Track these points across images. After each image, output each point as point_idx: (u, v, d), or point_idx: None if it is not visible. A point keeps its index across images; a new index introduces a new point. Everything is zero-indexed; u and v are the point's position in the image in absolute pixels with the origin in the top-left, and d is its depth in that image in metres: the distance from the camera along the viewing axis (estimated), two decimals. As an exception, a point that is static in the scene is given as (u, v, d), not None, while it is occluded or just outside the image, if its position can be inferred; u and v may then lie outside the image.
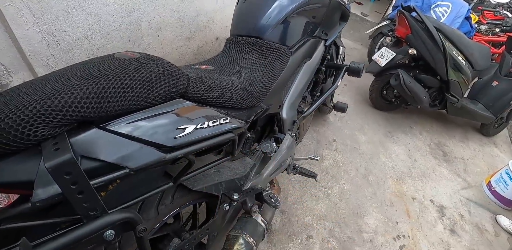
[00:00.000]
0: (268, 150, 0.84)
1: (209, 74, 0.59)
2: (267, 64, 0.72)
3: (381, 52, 1.94)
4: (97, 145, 0.37)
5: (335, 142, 1.87)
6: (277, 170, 0.90)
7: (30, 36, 1.01)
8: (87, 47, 1.21)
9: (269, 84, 0.72)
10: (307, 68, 0.93)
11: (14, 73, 1.12)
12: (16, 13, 0.92)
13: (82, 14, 1.07)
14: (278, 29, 0.75)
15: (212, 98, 0.52)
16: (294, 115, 0.98)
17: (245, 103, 0.60)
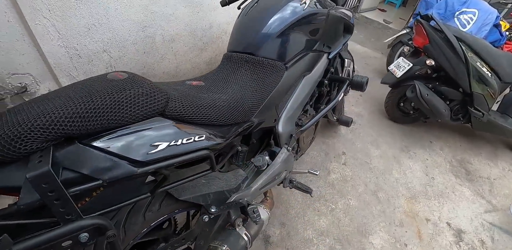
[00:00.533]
0: (260, 163, 0.86)
1: (195, 91, 0.63)
2: (259, 80, 0.74)
3: (398, 63, 1.88)
4: (77, 158, 0.42)
5: (344, 155, 1.82)
6: (269, 183, 0.90)
7: (55, 50, 1.14)
8: (106, 59, 1.33)
9: (261, 100, 0.74)
10: (306, 82, 0.93)
11: (41, 83, 1.25)
12: (44, 30, 1.04)
13: (101, 30, 1.18)
14: (272, 45, 0.77)
15: (191, 116, 0.56)
16: (293, 129, 0.99)
17: (228, 120, 0.63)
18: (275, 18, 0.75)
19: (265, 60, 0.75)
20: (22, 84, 1.22)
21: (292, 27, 0.77)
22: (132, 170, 0.45)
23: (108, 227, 0.44)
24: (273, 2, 0.79)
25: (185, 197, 0.68)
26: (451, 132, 2.25)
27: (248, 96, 0.70)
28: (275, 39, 0.76)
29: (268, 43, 0.76)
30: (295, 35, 0.79)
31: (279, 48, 0.77)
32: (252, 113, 0.72)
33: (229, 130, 0.65)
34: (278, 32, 0.75)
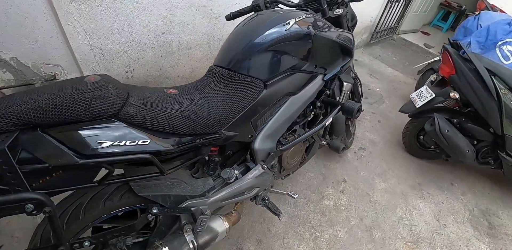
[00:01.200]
0: (227, 176, 0.87)
1: (162, 99, 0.68)
2: (232, 95, 0.77)
3: (420, 91, 1.77)
4: (34, 143, 0.51)
5: (344, 183, 1.72)
6: (234, 197, 0.90)
7: (82, 48, 1.32)
8: (125, 59, 1.49)
9: (231, 114, 0.77)
10: (293, 102, 0.93)
11: (68, 74, 1.44)
12: (73, 30, 1.22)
13: (123, 33, 1.34)
14: (251, 63, 0.80)
15: (143, 122, 0.61)
16: (273, 147, 0.99)
17: (182, 129, 0.67)
18: (258, 37, 0.78)
19: (242, 76, 0.78)
20: (52, 73, 1.42)
21: (274, 46, 0.79)
22: (75, 160, 0.52)
23: (47, 203, 0.51)
24: (262, 21, 0.83)
25: (144, 194, 0.73)
26: (479, 175, 1.99)
27: (215, 109, 0.74)
28: (255, 57, 0.79)
29: (248, 60, 0.79)
30: (277, 55, 0.80)
31: (258, 66, 0.80)
32: (219, 126, 0.75)
33: (182, 139, 0.68)
34: (258, 50, 0.78)
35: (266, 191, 1.09)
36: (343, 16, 1.04)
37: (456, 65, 1.53)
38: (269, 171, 1.02)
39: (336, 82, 1.09)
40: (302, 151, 1.18)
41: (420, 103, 1.68)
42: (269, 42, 0.77)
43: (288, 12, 0.85)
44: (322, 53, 0.90)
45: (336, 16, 1.03)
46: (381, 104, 2.51)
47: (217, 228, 0.88)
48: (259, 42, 0.77)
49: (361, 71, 2.96)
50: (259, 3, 1.01)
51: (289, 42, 0.80)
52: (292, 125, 1.09)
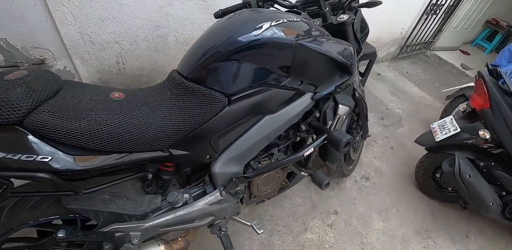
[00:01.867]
0: (172, 199, 0.76)
1: (94, 106, 0.60)
2: (184, 109, 0.65)
3: (444, 122, 1.53)
4: None
5: (335, 215, 1.54)
6: (180, 225, 0.79)
7: (71, 34, 1.27)
8: (117, 49, 1.43)
9: (180, 131, 0.66)
10: (267, 123, 0.79)
11: (58, 60, 1.41)
12: (62, 16, 1.18)
13: (114, 23, 1.28)
14: (212, 73, 0.67)
15: (53, 133, 0.53)
16: (238, 172, 0.85)
17: (106, 146, 0.58)
18: (223, 42, 0.65)
19: (199, 88, 0.66)
20: (42, 57, 1.39)
21: (240, 55, 0.66)
22: None
23: None
24: (233, 22, 0.70)
25: (72, 206, 0.67)
26: (503, 230, 1.69)
27: (158, 124, 0.63)
28: (217, 66, 0.66)
29: (208, 69, 0.67)
30: (245, 65, 0.67)
31: (220, 78, 0.67)
32: (161, 143, 0.65)
33: (105, 158, 0.59)
34: (221, 58, 0.65)
35: (226, 220, 0.96)
36: (348, 24, 0.87)
37: (491, 97, 1.29)
38: (231, 199, 0.89)
39: (330, 103, 0.92)
40: (280, 178, 1.03)
41: (440, 137, 1.45)
42: (234, 49, 0.64)
43: (270, 13, 0.71)
44: (308, 67, 0.74)
45: (340, 23, 0.86)
46: (398, 128, 2.27)
47: None
48: (223, 48, 0.64)
49: (382, 87, 2.71)
50: (249, 1, 0.89)
51: (259, 50, 0.66)
52: (270, 148, 0.95)
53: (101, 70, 1.54)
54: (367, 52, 2.11)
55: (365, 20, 1.03)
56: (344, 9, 0.91)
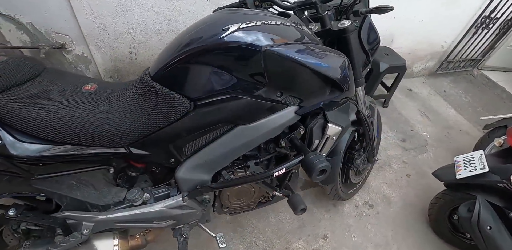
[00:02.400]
0: (130, 197, 0.75)
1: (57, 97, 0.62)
2: (145, 109, 0.64)
3: (471, 156, 1.33)
4: None
5: (323, 240, 1.43)
6: (136, 223, 0.79)
7: (87, 23, 1.36)
8: (129, 40, 1.50)
9: (138, 131, 0.65)
10: (239, 133, 0.74)
11: (76, 45, 1.52)
12: (80, 5, 1.26)
13: (127, 14, 1.33)
14: (177, 76, 0.64)
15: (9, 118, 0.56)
16: (206, 180, 0.82)
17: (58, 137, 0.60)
18: (190, 43, 0.62)
19: (163, 89, 0.64)
20: (62, 42, 1.51)
21: (205, 58, 0.62)
22: None
23: None
24: (203, 23, 0.66)
25: (39, 186, 0.70)
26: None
27: (117, 121, 0.63)
28: (183, 69, 0.63)
29: (174, 72, 0.64)
30: (212, 70, 0.63)
31: (185, 81, 0.64)
32: (118, 141, 0.65)
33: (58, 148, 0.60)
34: (186, 61, 0.62)
35: (190, 226, 0.93)
36: (349, 31, 0.77)
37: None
38: (195, 206, 0.86)
39: (318, 121, 0.84)
40: (256, 193, 0.97)
41: (463, 174, 1.26)
42: (198, 51, 0.60)
43: (245, 14, 0.66)
44: (286, 78, 0.67)
45: (340, 30, 0.76)
46: (420, 154, 2.05)
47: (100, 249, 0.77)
48: (188, 50, 0.61)
49: (411, 105, 2.48)
50: (246, 0, 0.84)
51: (224, 54, 0.61)
52: (248, 159, 0.90)
53: (115, 59, 1.62)
54: (395, 65, 1.94)
55: (375, 28, 0.92)
56: (347, 14, 0.79)
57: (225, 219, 1.40)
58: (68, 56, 1.58)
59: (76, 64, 1.63)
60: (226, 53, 0.61)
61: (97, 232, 0.78)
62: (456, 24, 2.39)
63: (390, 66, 1.92)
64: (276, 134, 0.80)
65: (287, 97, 0.72)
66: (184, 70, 0.63)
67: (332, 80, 0.70)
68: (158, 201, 0.80)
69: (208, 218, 0.99)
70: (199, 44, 0.60)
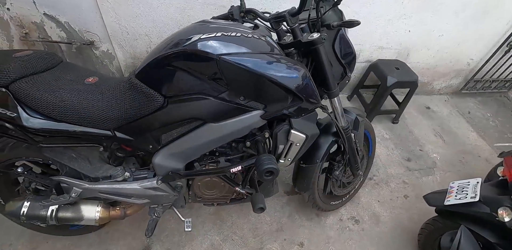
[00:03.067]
0: (112, 173, 0.92)
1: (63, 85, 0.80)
2: (127, 100, 0.79)
3: (466, 184, 1.29)
4: None
5: (299, 247, 1.48)
6: (116, 196, 0.95)
7: (112, 24, 1.61)
8: (147, 41, 1.73)
9: (120, 118, 0.81)
10: (207, 130, 0.86)
11: (103, 43, 1.79)
12: (106, 10, 1.51)
13: (145, 19, 1.56)
14: (152, 75, 0.78)
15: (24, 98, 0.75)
16: (178, 168, 0.95)
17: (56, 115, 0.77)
18: (163, 49, 0.75)
19: (141, 85, 0.78)
20: (91, 39, 1.79)
21: (173, 62, 0.74)
22: None
23: None
24: (178, 32, 0.80)
25: (47, 154, 0.90)
26: None
27: (104, 108, 0.79)
28: (157, 70, 0.77)
29: (150, 71, 0.78)
30: (178, 73, 0.75)
31: (158, 80, 0.78)
32: (106, 124, 0.81)
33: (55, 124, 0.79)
34: (159, 63, 0.75)
35: (164, 208, 1.07)
36: (317, 43, 0.81)
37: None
38: (168, 190, 0.99)
39: (284, 127, 0.93)
40: (226, 187, 1.09)
41: (452, 200, 1.23)
42: (166, 56, 0.74)
43: (211, 26, 0.78)
44: (243, 83, 0.77)
45: (308, 42, 0.81)
46: (425, 176, 1.99)
47: (84, 213, 0.96)
48: (161, 55, 0.75)
49: (426, 124, 2.39)
50: (233, 11, 0.98)
51: (186, 60, 0.74)
52: (219, 155, 1.02)
53: (134, 57, 1.87)
54: (405, 80, 1.93)
55: (349, 41, 0.96)
56: (316, 27, 0.85)
57: (208, 211, 1.52)
58: (96, 52, 1.85)
59: (102, 59, 1.90)
60: (187, 59, 0.74)
61: (84, 198, 0.96)
62: (484, 41, 2.28)
63: (398, 81, 1.91)
64: (242, 135, 0.91)
65: (250, 102, 0.82)
66: (158, 71, 0.77)
67: (289, 89, 0.80)
68: (136, 181, 0.96)
69: (183, 204, 1.12)
70: (168, 50, 0.74)
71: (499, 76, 2.64)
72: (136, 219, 1.39)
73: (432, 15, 1.97)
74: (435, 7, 1.92)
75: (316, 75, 0.91)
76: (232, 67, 0.73)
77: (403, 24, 1.96)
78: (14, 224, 1.25)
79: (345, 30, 0.96)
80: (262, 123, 0.90)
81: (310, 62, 0.92)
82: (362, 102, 2.32)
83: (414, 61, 2.28)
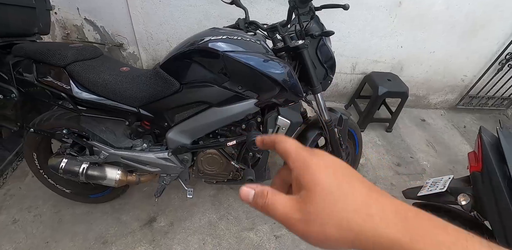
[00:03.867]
0: (133, 143, 1.19)
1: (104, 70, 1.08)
2: (150, 84, 1.06)
3: (440, 179, 1.48)
4: (26, 68, 1.07)
5: (287, 231, 1.68)
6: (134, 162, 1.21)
7: (140, 30, 1.96)
8: (167, 45, 2.06)
9: (144, 98, 1.07)
10: (211, 113, 1.10)
11: (130, 46, 2.14)
12: (136, 18, 1.87)
13: (167, 27, 1.90)
14: (172, 65, 1.04)
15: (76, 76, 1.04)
16: (186, 143, 1.21)
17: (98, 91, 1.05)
18: (182, 46, 1.02)
19: (163, 73, 1.05)
20: (121, 42, 2.15)
21: (189, 56, 1.00)
22: (32, 80, 1.06)
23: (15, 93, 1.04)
24: (195, 34, 1.07)
25: (83, 125, 1.17)
26: None
27: (133, 89, 1.06)
28: (176, 61, 1.04)
29: (171, 62, 1.05)
30: (192, 64, 1.02)
31: (176, 69, 1.04)
32: (132, 102, 1.08)
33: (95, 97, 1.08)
34: (178, 56, 1.02)
35: (171, 178, 1.32)
36: (301, 48, 1.05)
37: (484, 160, 1.27)
38: (176, 162, 1.24)
39: (274, 114, 1.18)
40: (224, 164, 1.33)
41: (423, 192, 1.44)
42: (185, 51, 1.01)
43: (219, 31, 1.04)
44: (241, 75, 1.02)
45: (294, 47, 1.05)
46: (414, 180, 2.15)
47: (107, 173, 1.21)
48: (180, 51, 1.02)
49: (419, 135, 2.57)
50: (239, 22, 1.26)
51: (199, 56, 1.00)
52: (221, 136, 1.28)
53: (155, 58, 2.20)
54: (395, 90, 2.17)
55: (329, 48, 1.22)
56: (301, 35, 1.12)
57: (209, 193, 1.75)
58: (123, 53, 2.21)
59: (128, 59, 2.25)
60: (200, 54, 1.01)
61: (109, 162, 1.22)
62: (476, 58, 2.49)
63: (389, 90, 2.15)
64: (239, 119, 1.16)
65: (247, 91, 1.07)
66: (177, 63, 1.05)
67: (276, 81, 1.06)
68: (151, 151, 1.22)
69: (187, 177, 1.37)
70: (185, 48, 1.02)
71: (495, 93, 2.81)
72: (145, 196, 1.64)
73: (422, 33, 2.23)
74: (424, 26, 2.19)
75: (302, 74, 1.17)
76: (233, 62, 0.99)
77: (395, 41, 2.24)
78: (43, 192, 1.53)
79: (327, 39, 1.24)
80: (256, 109, 1.16)
81: (297, 64, 1.19)
82: (357, 111, 2.53)
83: (408, 75, 2.52)
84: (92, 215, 1.52)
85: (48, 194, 1.52)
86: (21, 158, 1.71)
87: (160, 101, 1.09)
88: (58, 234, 1.44)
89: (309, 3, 1.08)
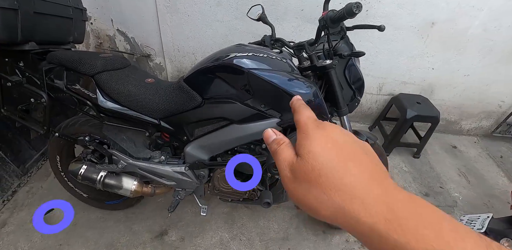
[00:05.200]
0: (151, 155, 1.22)
1: (130, 81, 1.14)
2: (173, 98, 1.10)
3: (477, 217, 1.39)
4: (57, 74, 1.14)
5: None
6: (151, 174, 1.23)
7: (167, 43, 2.09)
8: (192, 58, 2.17)
9: (165, 110, 1.11)
10: (231, 130, 1.11)
11: (157, 57, 2.28)
12: (164, 31, 2.01)
13: (194, 40, 2.01)
14: (196, 80, 1.08)
15: (102, 85, 1.10)
16: (204, 159, 1.23)
17: (121, 101, 1.10)
18: (207, 61, 1.06)
19: (186, 87, 1.08)
20: (149, 53, 2.29)
21: (213, 71, 1.03)
22: (61, 88, 1.14)
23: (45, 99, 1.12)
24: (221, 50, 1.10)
25: (106, 133, 1.24)
26: None
27: (155, 101, 1.10)
28: (199, 76, 1.07)
29: (194, 77, 1.09)
30: (216, 80, 1.04)
31: (200, 84, 1.08)
32: (153, 114, 1.12)
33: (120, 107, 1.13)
34: (202, 71, 1.05)
35: (186, 192, 1.33)
36: (328, 68, 1.05)
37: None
38: (192, 177, 1.26)
39: (295, 135, 1.17)
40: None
41: None
42: (209, 67, 1.04)
43: (245, 48, 1.06)
44: (265, 93, 1.02)
45: (322, 67, 1.05)
46: (443, 214, 2.04)
47: (124, 183, 1.24)
48: (205, 66, 1.06)
49: (450, 163, 2.45)
50: (265, 39, 1.30)
51: (224, 72, 1.03)
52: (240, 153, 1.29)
53: (180, 70, 2.32)
54: (425, 114, 2.11)
55: (359, 69, 1.21)
56: (329, 55, 1.12)
57: (222, 210, 1.74)
58: (150, 63, 2.34)
59: (154, 70, 2.38)
60: (224, 70, 1.04)
61: (126, 172, 1.25)
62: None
63: (418, 114, 2.10)
64: (260, 137, 1.16)
65: (269, 110, 1.07)
66: (201, 78, 1.08)
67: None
68: (169, 164, 1.25)
69: (202, 194, 1.37)
70: (210, 63, 1.05)
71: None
72: (159, 207, 1.67)
73: (456, 55, 2.19)
74: (458, 48, 2.15)
75: (328, 95, 1.17)
76: (257, 79, 1.00)
77: (426, 62, 2.21)
78: (62, 194, 1.59)
79: (356, 60, 1.24)
80: (278, 129, 1.17)
81: (323, 84, 1.20)
82: (383, 133, 2.48)
83: (439, 98, 2.45)
84: (105, 222, 1.56)
85: (66, 196, 1.58)
86: (46, 158, 1.83)
87: (181, 115, 1.13)
88: (71, 237, 1.48)
89: (340, 23, 1.08)
